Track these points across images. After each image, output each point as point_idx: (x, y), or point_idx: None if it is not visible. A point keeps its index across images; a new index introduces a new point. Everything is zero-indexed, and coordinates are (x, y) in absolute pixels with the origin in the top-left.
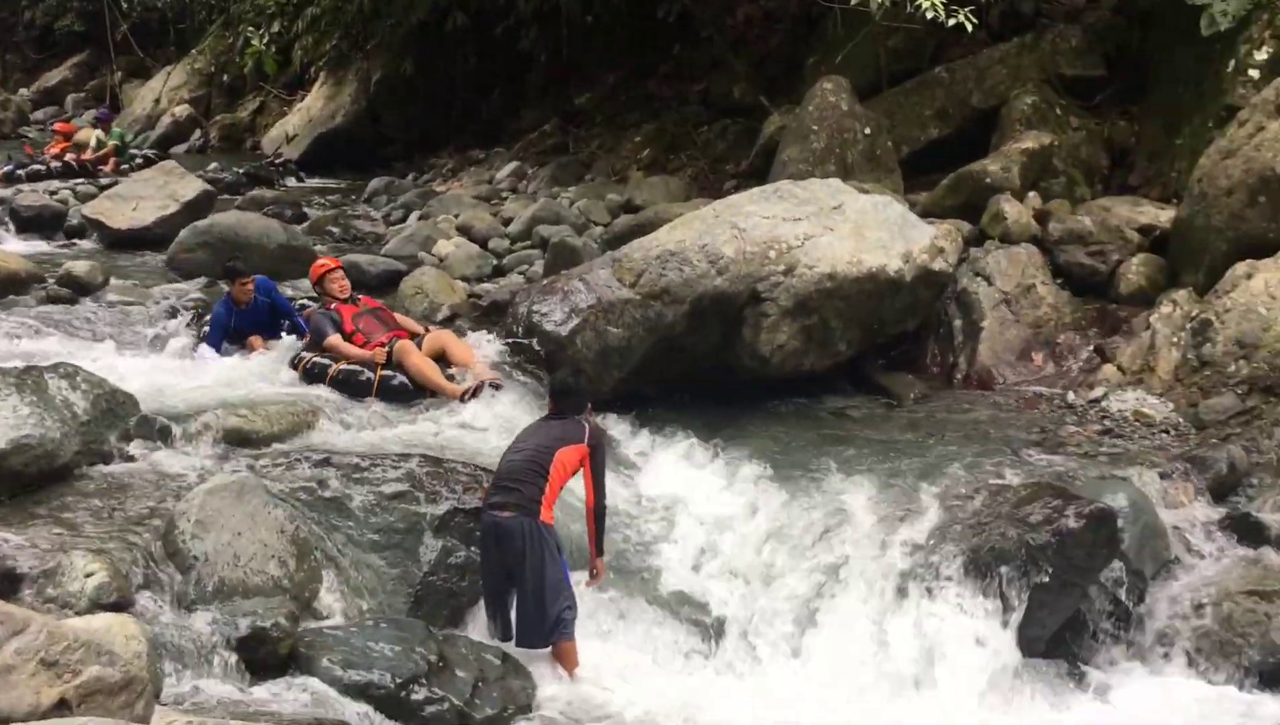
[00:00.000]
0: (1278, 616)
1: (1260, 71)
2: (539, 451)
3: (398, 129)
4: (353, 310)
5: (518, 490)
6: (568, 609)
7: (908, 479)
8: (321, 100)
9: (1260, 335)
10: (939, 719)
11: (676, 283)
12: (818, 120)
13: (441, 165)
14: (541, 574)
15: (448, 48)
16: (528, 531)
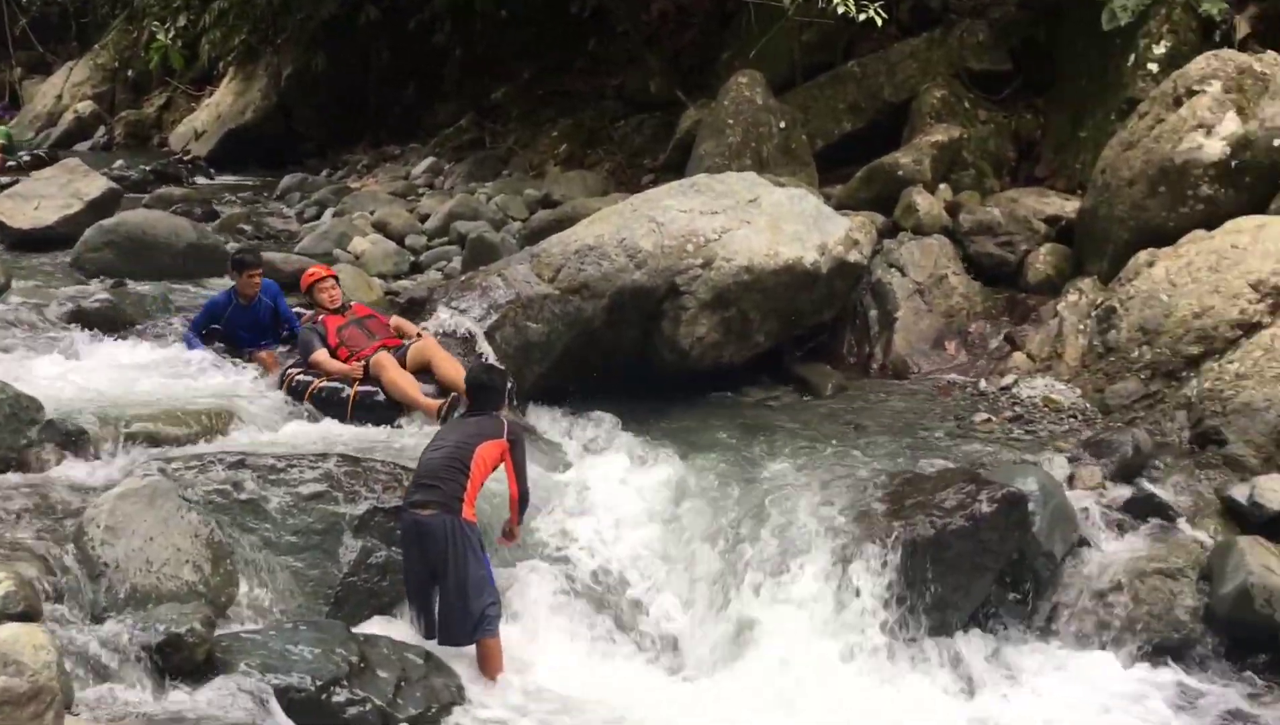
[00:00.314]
0: (1182, 594)
1: (1159, 65)
2: (459, 448)
3: (310, 125)
4: (339, 321)
5: (438, 488)
6: (492, 606)
7: (825, 467)
8: (231, 96)
9: (1162, 321)
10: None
11: (595, 277)
12: (733, 114)
13: (356, 161)
14: (465, 572)
15: (360, 42)
16: (450, 529)
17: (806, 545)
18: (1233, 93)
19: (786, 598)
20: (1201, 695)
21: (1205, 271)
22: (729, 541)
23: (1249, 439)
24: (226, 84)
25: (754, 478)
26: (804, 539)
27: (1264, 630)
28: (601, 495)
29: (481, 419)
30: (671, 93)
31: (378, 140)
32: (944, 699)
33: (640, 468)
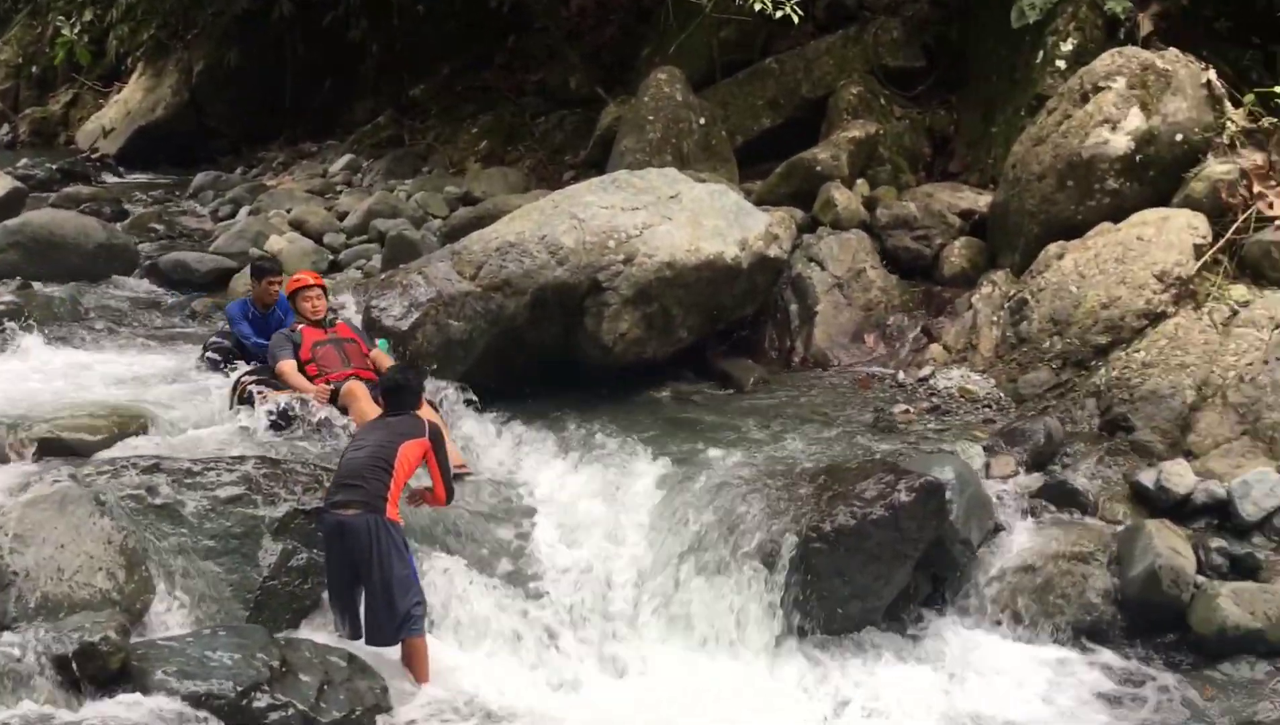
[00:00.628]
0: (1093, 577)
1: (1066, 62)
2: (382, 447)
3: (223, 121)
4: (318, 336)
5: (361, 487)
6: (417, 605)
7: (749, 461)
8: (140, 92)
9: (1071, 312)
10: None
11: (517, 274)
12: (653, 110)
13: (271, 159)
14: (389, 571)
15: (274, 37)
16: (373, 529)
17: (732, 540)
18: (1137, 89)
19: (713, 593)
20: (1113, 675)
21: (1112, 263)
22: (656, 538)
23: (1155, 425)
24: (135, 80)
25: (678, 473)
26: (729, 533)
27: (1171, 610)
28: (526, 496)
29: (402, 419)
30: (592, 89)
31: (294, 137)
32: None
33: (564, 466)
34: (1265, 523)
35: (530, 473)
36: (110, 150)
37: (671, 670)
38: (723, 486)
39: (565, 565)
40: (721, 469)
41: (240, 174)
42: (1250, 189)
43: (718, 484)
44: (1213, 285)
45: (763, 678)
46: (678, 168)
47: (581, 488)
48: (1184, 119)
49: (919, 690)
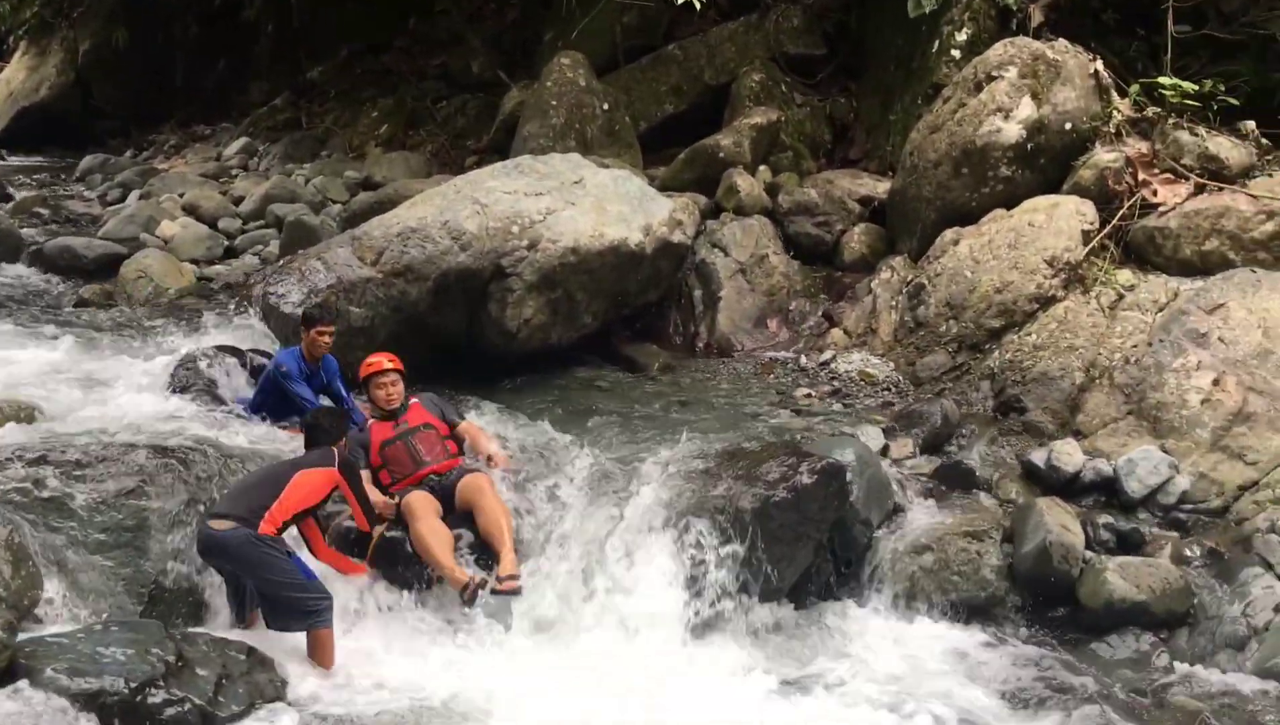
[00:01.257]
0: (987, 554)
1: (961, 51)
2: (275, 471)
3: (112, 103)
4: (385, 433)
5: (239, 499)
6: (315, 599)
7: (653, 445)
8: (23, 72)
9: (966, 297)
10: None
11: (419, 260)
12: (557, 96)
13: (163, 141)
14: (265, 581)
15: (165, 16)
16: (242, 542)
17: (637, 523)
18: (1028, 78)
19: (619, 576)
20: (1007, 649)
21: (1005, 249)
22: (559, 523)
23: (1045, 406)
24: (18, 59)
25: (584, 458)
26: (634, 517)
27: (1062, 585)
28: None
29: (311, 453)
30: (494, 73)
31: (186, 120)
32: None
33: None
34: (1149, 499)
35: None
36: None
37: (576, 652)
38: (627, 471)
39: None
40: (624, 453)
41: (130, 157)
42: (1135, 177)
43: (622, 468)
44: (1100, 270)
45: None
46: (581, 153)
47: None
48: (1073, 108)
49: (820, 667)
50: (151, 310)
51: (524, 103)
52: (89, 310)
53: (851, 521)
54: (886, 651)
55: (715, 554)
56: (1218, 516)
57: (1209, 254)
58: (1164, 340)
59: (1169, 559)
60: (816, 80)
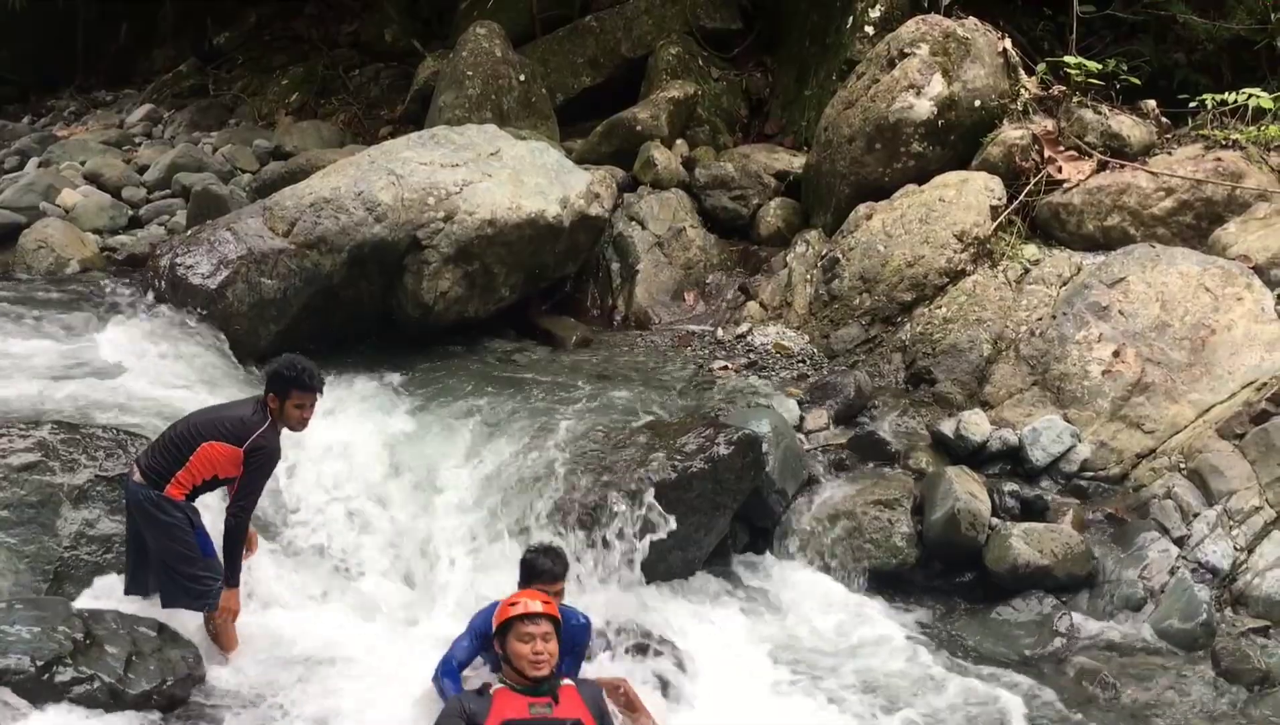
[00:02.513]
0: (898, 522)
1: (874, 28)
2: (189, 434)
3: (7, 68)
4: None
5: (155, 457)
6: (202, 579)
7: (572, 418)
8: None
9: (879, 270)
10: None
11: (333, 231)
12: (472, 66)
13: (62, 108)
14: (162, 544)
15: None
16: (145, 499)
17: (554, 495)
18: (939, 56)
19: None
20: (917, 613)
21: (916, 224)
22: (474, 494)
23: (955, 378)
24: None
25: (501, 431)
26: (551, 488)
27: (969, 551)
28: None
29: (242, 413)
30: (408, 42)
31: (87, 85)
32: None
33: (381, 426)
34: (1052, 467)
35: (346, 433)
36: None
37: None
38: (546, 443)
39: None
40: (540, 426)
41: (28, 123)
42: (1041, 154)
43: (540, 441)
44: (1007, 245)
45: None
46: (498, 125)
47: (399, 447)
48: (982, 86)
49: (736, 632)
50: (53, 282)
51: (439, 73)
52: None
53: (767, 491)
54: (800, 617)
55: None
56: (1117, 483)
57: (1111, 229)
58: (1067, 313)
59: (1071, 525)
60: (733, 55)
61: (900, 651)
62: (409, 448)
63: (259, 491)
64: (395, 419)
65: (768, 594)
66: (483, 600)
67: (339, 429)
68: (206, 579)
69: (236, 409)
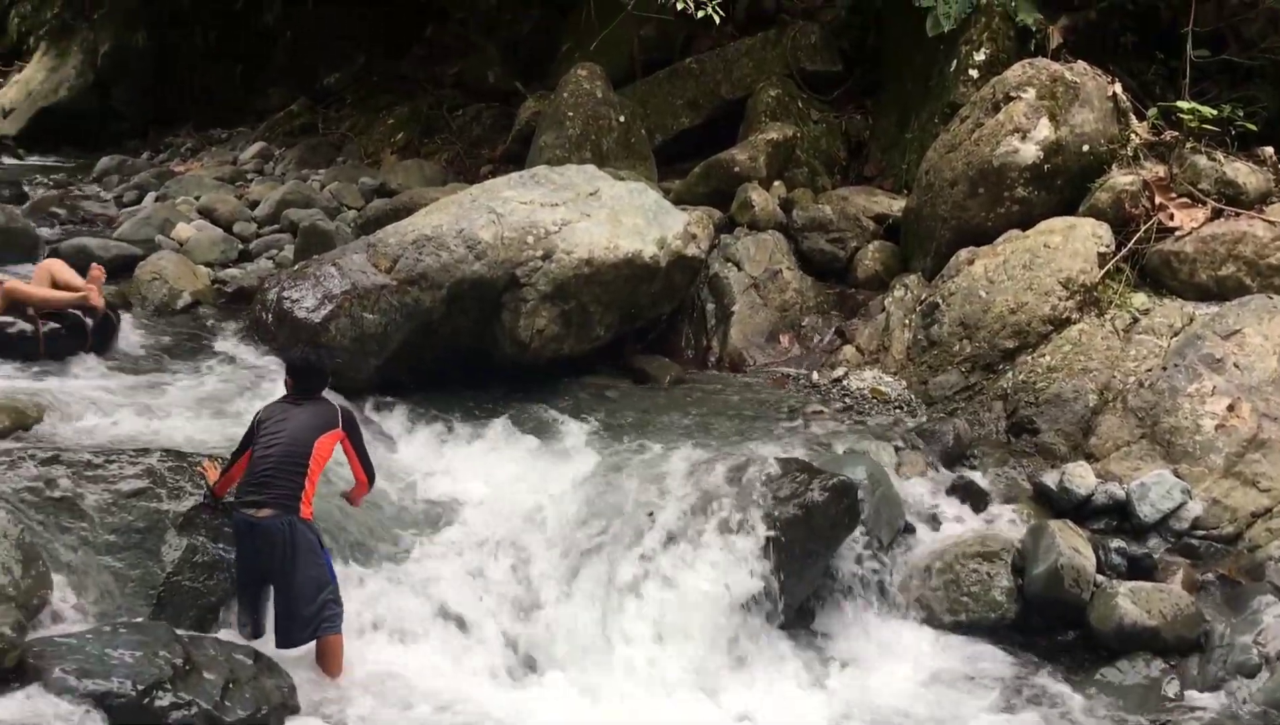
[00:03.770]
0: (998, 575)
1: (979, 71)
2: (296, 443)
3: (129, 105)
4: None
5: (274, 486)
6: (332, 603)
7: (663, 459)
8: (43, 72)
9: (980, 317)
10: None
11: (434, 268)
12: (573, 107)
13: (179, 144)
14: (303, 571)
15: (184, 20)
16: (287, 531)
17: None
18: (1046, 99)
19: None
20: (1016, 671)
21: (1020, 269)
22: (577, 538)
23: (1058, 428)
24: (38, 59)
25: (594, 472)
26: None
27: (1072, 608)
28: (440, 491)
29: (315, 406)
30: (510, 83)
31: (203, 123)
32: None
33: (480, 461)
34: (1162, 524)
35: (446, 467)
36: (9, 131)
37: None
38: (635, 483)
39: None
40: (637, 467)
41: (147, 159)
42: (1152, 200)
43: (630, 481)
44: (1115, 293)
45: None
46: (597, 165)
47: (498, 483)
48: (1090, 130)
49: (828, 685)
50: (164, 314)
51: (540, 113)
52: None
53: (862, 539)
54: (893, 670)
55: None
56: (1230, 543)
57: (1225, 279)
58: (1179, 365)
59: (1180, 585)
60: (833, 97)
61: (999, 712)
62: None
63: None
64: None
65: (861, 647)
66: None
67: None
68: (332, 605)
69: (311, 415)
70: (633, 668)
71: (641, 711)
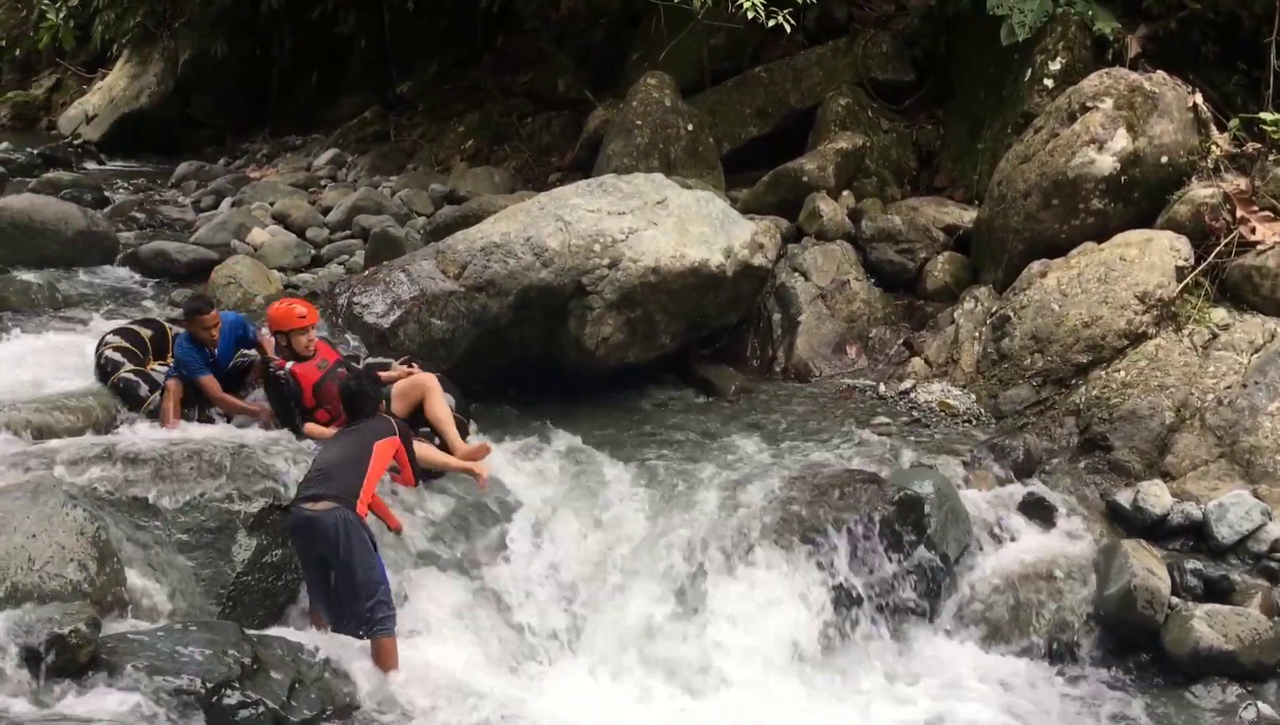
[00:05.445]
0: (1068, 595)
1: (1054, 81)
2: (358, 445)
3: (208, 112)
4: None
5: (333, 481)
6: (383, 605)
7: (728, 469)
8: (125, 79)
9: (1053, 330)
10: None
11: (501, 275)
12: (641, 115)
13: (255, 151)
14: (355, 569)
15: (262, 29)
16: (341, 524)
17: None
18: (1124, 110)
19: (696, 601)
20: (1088, 693)
21: (1095, 283)
22: (641, 544)
23: (1133, 445)
24: (120, 67)
25: (659, 479)
26: (709, 542)
27: (1146, 630)
28: (503, 498)
29: (371, 423)
30: (580, 91)
31: (278, 130)
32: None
33: (543, 468)
34: (1240, 545)
35: (509, 474)
36: (93, 137)
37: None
38: (700, 492)
39: (543, 567)
40: (700, 477)
41: (223, 165)
42: (1233, 213)
43: (694, 489)
44: (1193, 307)
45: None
46: (665, 173)
47: (560, 490)
48: (1170, 141)
49: (895, 701)
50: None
51: (609, 121)
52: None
53: (928, 554)
54: (961, 688)
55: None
56: None
57: None
58: (1259, 382)
59: (1259, 609)
60: (903, 106)
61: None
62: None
63: None
64: (555, 464)
65: (927, 664)
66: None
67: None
68: (383, 607)
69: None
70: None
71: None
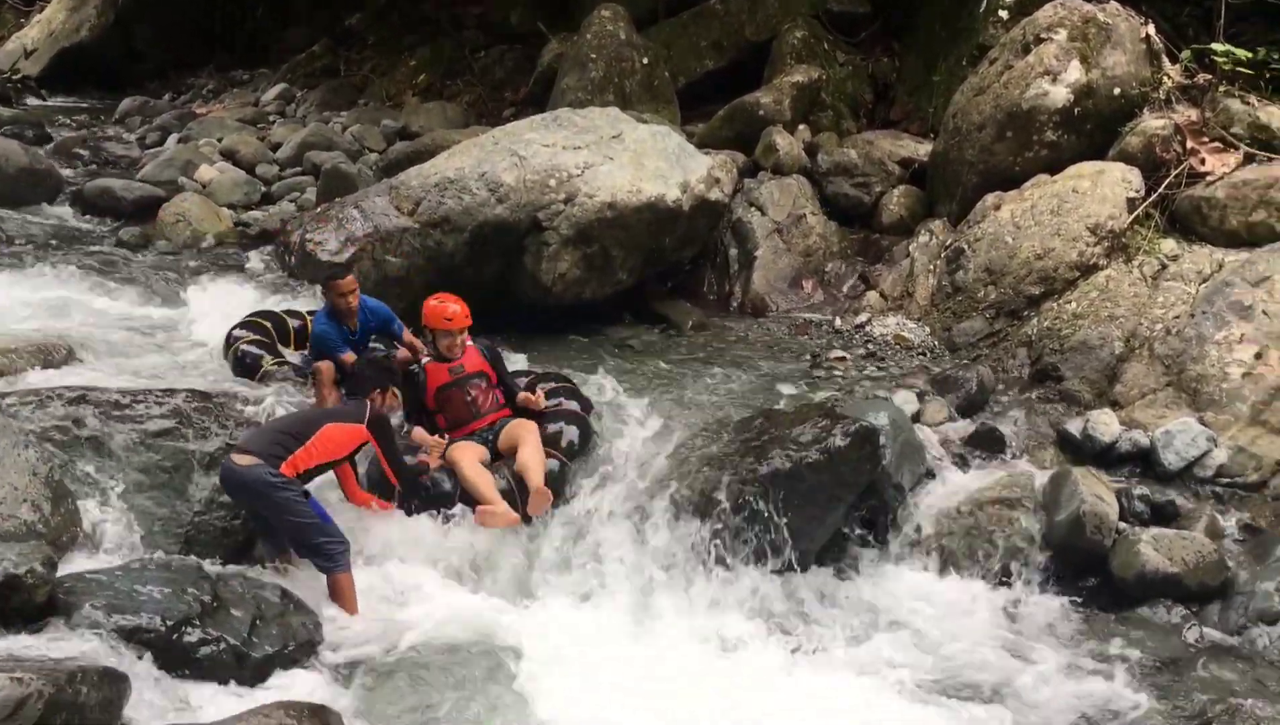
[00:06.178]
0: (1020, 522)
1: (1009, 12)
2: (304, 421)
3: (151, 46)
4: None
5: (265, 439)
6: (331, 543)
7: (686, 403)
8: (64, 12)
9: (1006, 262)
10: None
11: (456, 211)
12: (596, 49)
13: (201, 86)
14: (283, 517)
15: None
16: (260, 477)
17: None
18: (1077, 41)
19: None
20: (1038, 618)
21: (1047, 215)
22: (587, 478)
23: (1083, 375)
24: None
25: (615, 415)
26: (666, 477)
27: (1094, 555)
28: None
29: (347, 406)
30: (533, 25)
31: (224, 65)
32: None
33: None
34: (1186, 472)
35: None
36: (32, 71)
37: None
38: (659, 430)
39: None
40: (659, 412)
41: (168, 100)
42: (1184, 145)
43: (654, 426)
44: (1144, 239)
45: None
46: (620, 108)
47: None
48: (1122, 73)
49: (850, 629)
50: (189, 254)
51: (563, 55)
52: (127, 252)
53: (884, 485)
54: (915, 614)
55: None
56: (1255, 491)
57: (1256, 225)
58: (1206, 312)
59: (1203, 532)
60: (859, 39)
61: (1016, 655)
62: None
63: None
64: None
65: (882, 591)
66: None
67: None
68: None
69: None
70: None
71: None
